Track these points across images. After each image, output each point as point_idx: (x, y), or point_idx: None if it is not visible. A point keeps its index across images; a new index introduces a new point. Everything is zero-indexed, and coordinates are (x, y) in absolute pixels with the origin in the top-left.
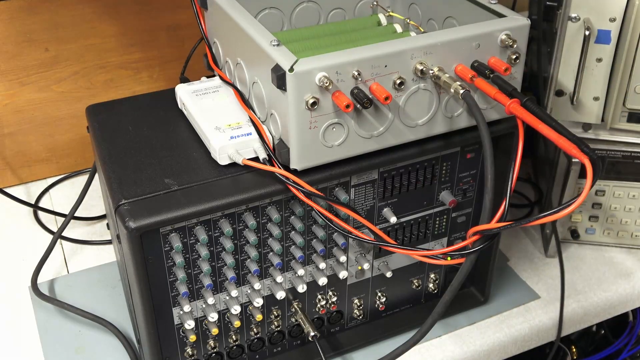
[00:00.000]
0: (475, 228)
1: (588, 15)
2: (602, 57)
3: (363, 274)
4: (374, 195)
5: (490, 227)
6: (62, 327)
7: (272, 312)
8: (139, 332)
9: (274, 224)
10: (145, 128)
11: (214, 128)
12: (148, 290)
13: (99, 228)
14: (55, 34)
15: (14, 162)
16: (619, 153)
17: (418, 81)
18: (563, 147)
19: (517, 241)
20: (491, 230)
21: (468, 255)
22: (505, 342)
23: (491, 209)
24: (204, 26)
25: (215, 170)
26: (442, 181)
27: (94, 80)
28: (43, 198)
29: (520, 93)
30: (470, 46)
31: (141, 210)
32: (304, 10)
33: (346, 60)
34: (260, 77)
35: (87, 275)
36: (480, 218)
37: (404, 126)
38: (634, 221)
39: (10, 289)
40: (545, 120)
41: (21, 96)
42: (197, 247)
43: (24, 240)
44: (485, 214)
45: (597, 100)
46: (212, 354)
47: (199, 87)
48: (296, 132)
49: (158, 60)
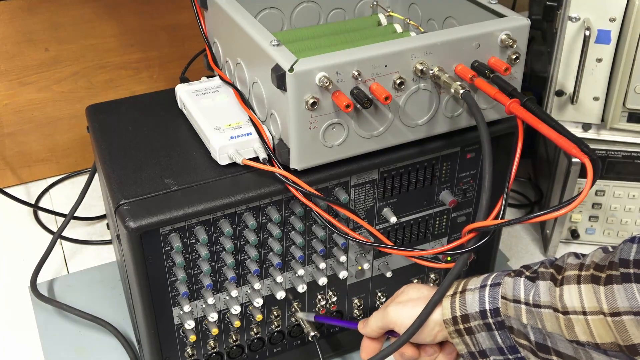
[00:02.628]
0: (472, 225)
1: (588, 15)
2: (602, 57)
3: (363, 274)
4: (374, 195)
5: (486, 224)
6: (62, 327)
7: (272, 312)
8: (139, 332)
9: (274, 224)
10: (145, 128)
11: (214, 128)
12: (148, 290)
13: (99, 228)
14: (55, 34)
15: (14, 162)
16: (619, 153)
17: (418, 81)
18: (563, 147)
19: (517, 241)
20: (487, 228)
21: (463, 254)
22: None
23: (488, 207)
24: (204, 26)
25: (215, 170)
26: (442, 181)
27: (94, 80)
28: (43, 198)
29: (520, 93)
30: (470, 46)
31: (141, 210)
32: (304, 10)
33: (346, 60)
34: (260, 77)
35: (87, 275)
36: (477, 216)
37: (404, 126)
38: (634, 221)
39: (10, 289)
40: (545, 120)
41: (21, 96)
42: (197, 247)
43: (23, 240)
44: (482, 211)
45: (597, 100)
46: (212, 354)
47: (199, 87)
48: (296, 132)
49: (158, 60)
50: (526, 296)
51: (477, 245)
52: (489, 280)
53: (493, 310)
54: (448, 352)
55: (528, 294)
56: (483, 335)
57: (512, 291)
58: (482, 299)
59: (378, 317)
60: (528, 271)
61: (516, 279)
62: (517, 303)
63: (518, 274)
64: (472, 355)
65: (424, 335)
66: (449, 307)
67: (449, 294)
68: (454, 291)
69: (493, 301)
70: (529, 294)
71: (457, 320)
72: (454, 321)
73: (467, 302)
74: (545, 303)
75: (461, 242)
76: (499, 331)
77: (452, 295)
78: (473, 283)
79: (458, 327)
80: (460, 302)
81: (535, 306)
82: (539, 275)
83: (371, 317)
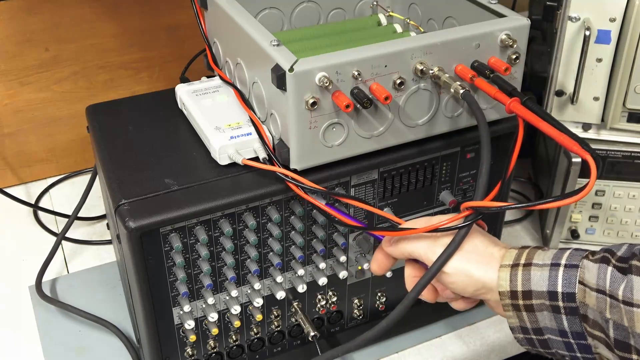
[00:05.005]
0: (469, 203)
1: (588, 15)
2: (602, 57)
3: (363, 274)
4: (374, 195)
5: (485, 204)
6: (62, 327)
7: (272, 312)
8: (139, 332)
9: (274, 224)
10: (145, 128)
11: (214, 128)
12: (148, 290)
13: (99, 228)
14: (55, 34)
15: (14, 162)
16: (619, 153)
17: (418, 81)
18: (564, 144)
19: (517, 241)
20: (485, 209)
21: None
22: (505, 342)
23: (485, 185)
24: (204, 26)
25: (215, 170)
26: (442, 181)
27: (94, 80)
28: (43, 198)
29: (520, 92)
30: (470, 46)
31: (141, 210)
32: (304, 10)
33: (346, 60)
34: (260, 77)
35: (87, 276)
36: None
37: (404, 126)
38: (634, 221)
39: (11, 289)
40: (546, 118)
41: (21, 96)
42: (197, 247)
43: (24, 241)
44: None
45: (597, 100)
46: (212, 354)
47: (199, 87)
48: (296, 132)
49: (158, 60)
50: (614, 289)
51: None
52: (562, 259)
53: (567, 295)
54: (469, 301)
55: (617, 287)
56: (545, 314)
57: (596, 279)
58: (554, 279)
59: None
60: (614, 259)
61: (602, 265)
62: (601, 294)
63: (603, 260)
64: (523, 330)
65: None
66: (507, 279)
67: (507, 264)
68: (514, 262)
69: (568, 285)
70: (618, 288)
71: (517, 295)
72: (512, 295)
73: (533, 278)
74: (639, 302)
75: (457, 218)
76: (569, 316)
77: (513, 266)
78: (540, 257)
79: (516, 302)
80: (524, 276)
81: (625, 303)
82: (632, 269)
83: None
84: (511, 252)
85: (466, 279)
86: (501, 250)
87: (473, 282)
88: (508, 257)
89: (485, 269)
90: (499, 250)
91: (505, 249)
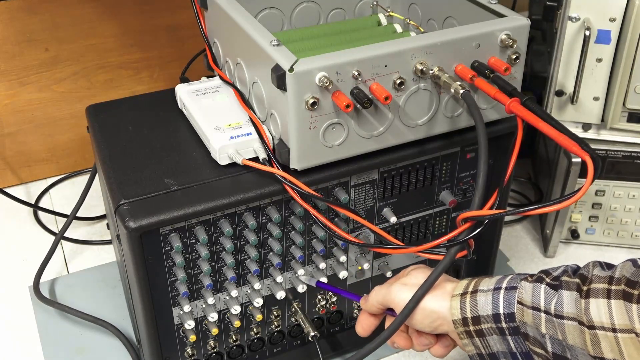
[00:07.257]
0: (466, 214)
1: (588, 15)
2: (602, 57)
3: (363, 274)
4: (374, 195)
5: (481, 214)
6: (62, 327)
7: (272, 312)
8: (139, 332)
9: (274, 224)
10: (145, 128)
11: (214, 128)
12: (148, 290)
13: (99, 228)
14: (55, 34)
15: (14, 162)
16: (619, 153)
17: (418, 81)
18: (563, 144)
19: (517, 241)
20: (481, 217)
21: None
22: None
23: (482, 196)
24: (204, 26)
25: (215, 170)
26: (442, 181)
27: (94, 80)
28: (43, 198)
29: (520, 92)
30: (470, 46)
31: (141, 210)
32: (304, 10)
33: (346, 60)
34: (260, 77)
35: (87, 276)
36: (471, 205)
37: (404, 126)
38: (634, 221)
39: (11, 289)
40: (545, 118)
41: (21, 96)
42: (197, 247)
43: (24, 241)
44: (476, 201)
45: (597, 100)
46: (212, 354)
47: (199, 87)
48: (296, 132)
49: (158, 60)
50: (547, 305)
51: (471, 235)
52: (503, 283)
53: (507, 315)
54: (445, 345)
55: (549, 302)
56: (495, 338)
57: (531, 297)
58: (496, 302)
59: (380, 294)
60: (548, 277)
61: (536, 284)
62: (535, 310)
63: (538, 280)
64: (481, 357)
65: (424, 323)
66: (458, 307)
67: (457, 293)
68: (463, 290)
69: (508, 305)
70: (550, 303)
71: (468, 322)
72: (464, 322)
73: (479, 303)
74: (568, 314)
75: (454, 234)
76: (513, 337)
77: (462, 294)
78: (485, 284)
79: (468, 329)
80: (472, 303)
81: (557, 316)
82: (562, 284)
83: (372, 292)
84: (462, 283)
85: (421, 312)
86: (453, 283)
87: (428, 314)
88: (459, 288)
89: (438, 300)
90: (451, 284)
91: (457, 282)
